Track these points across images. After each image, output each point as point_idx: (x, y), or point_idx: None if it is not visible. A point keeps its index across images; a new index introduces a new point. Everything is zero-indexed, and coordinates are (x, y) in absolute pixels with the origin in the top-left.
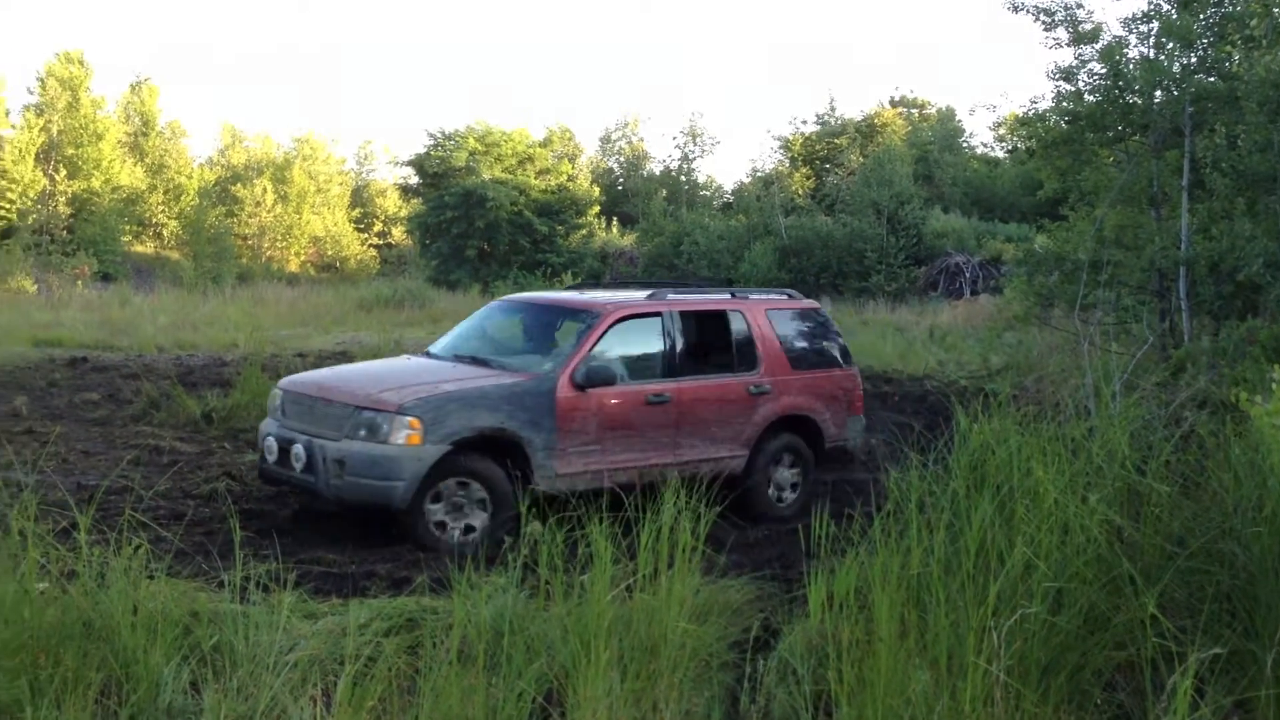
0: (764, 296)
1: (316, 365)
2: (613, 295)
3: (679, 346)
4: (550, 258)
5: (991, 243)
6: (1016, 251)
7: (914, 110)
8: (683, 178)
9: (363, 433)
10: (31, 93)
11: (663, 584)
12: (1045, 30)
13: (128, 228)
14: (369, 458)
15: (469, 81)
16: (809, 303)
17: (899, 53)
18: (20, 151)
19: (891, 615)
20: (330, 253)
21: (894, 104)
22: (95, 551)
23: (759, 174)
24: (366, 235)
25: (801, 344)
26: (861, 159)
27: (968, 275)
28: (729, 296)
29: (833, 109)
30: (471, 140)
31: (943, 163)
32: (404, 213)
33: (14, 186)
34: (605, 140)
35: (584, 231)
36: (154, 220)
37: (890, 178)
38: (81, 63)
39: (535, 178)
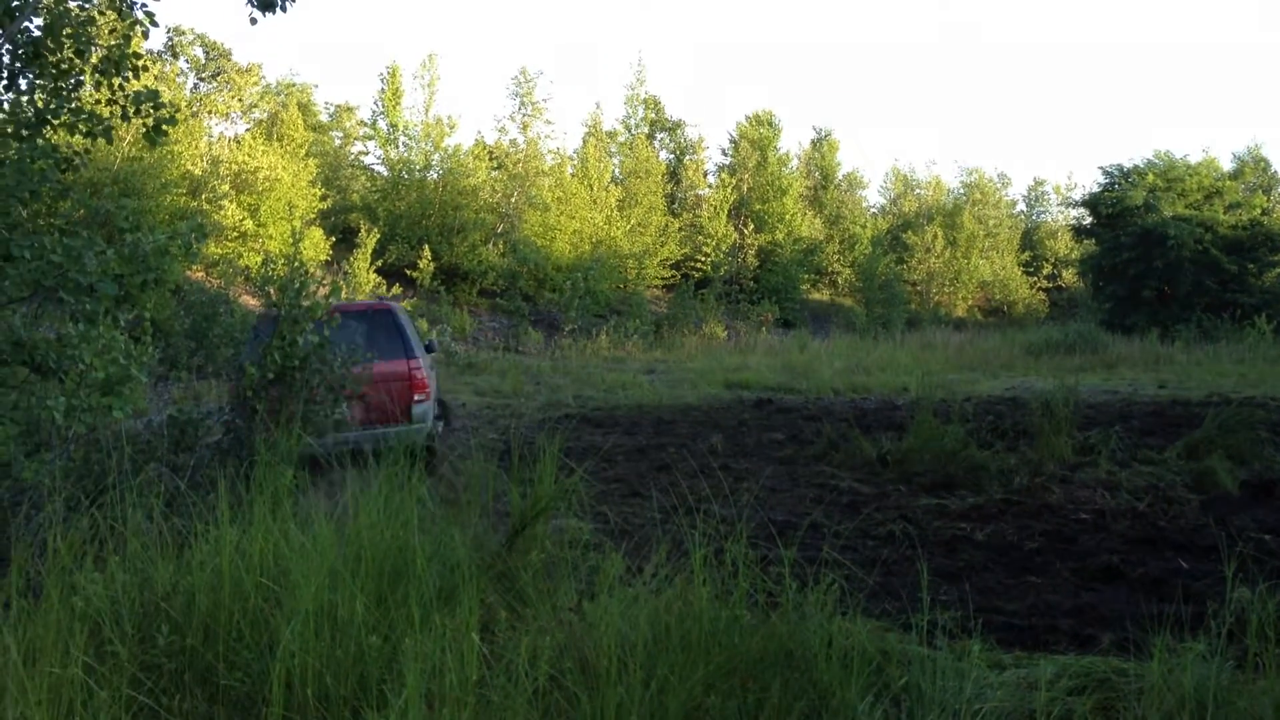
0: None
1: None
2: None
3: None
4: (1241, 298)
5: None
6: None
7: None
8: None
9: None
10: (725, 154)
11: None
12: None
13: (806, 276)
14: None
15: (1150, 112)
16: None
17: None
18: (715, 208)
19: None
20: (998, 297)
21: None
22: (794, 584)
23: None
24: (1035, 278)
25: None
26: None
27: None
28: None
29: None
30: (1151, 176)
31: None
32: (1075, 254)
33: (709, 240)
34: None
35: None
36: (830, 269)
37: None
38: (770, 124)
39: (1224, 213)
